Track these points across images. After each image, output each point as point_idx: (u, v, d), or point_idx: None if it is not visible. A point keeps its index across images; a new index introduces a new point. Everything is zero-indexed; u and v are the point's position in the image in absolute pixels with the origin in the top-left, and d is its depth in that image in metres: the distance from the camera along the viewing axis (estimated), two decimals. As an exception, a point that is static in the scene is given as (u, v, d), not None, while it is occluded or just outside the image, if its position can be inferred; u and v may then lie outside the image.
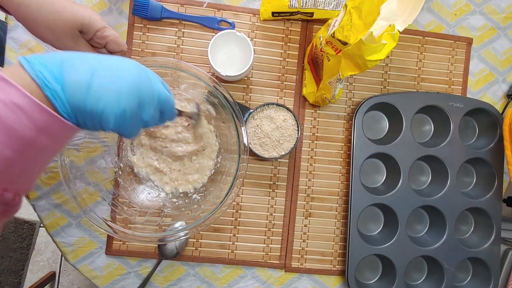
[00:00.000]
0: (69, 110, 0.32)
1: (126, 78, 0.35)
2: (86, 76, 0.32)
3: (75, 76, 0.32)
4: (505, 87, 0.73)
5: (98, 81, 0.33)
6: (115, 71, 0.34)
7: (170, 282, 0.65)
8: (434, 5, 0.71)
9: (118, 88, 0.34)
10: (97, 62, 0.34)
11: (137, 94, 0.35)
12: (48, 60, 0.32)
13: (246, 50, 0.60)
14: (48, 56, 0.33)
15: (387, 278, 0.67)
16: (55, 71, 0.32)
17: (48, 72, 0.31)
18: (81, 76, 0.32)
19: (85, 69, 0.33)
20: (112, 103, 0.33)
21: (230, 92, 0.61)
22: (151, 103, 0.37)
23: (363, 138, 0.66)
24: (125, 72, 0.35)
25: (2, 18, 0.75)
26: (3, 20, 0.75)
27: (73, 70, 0.32)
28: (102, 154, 0.61)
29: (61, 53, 0.34)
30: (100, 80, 0.33)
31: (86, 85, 0.32)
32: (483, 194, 0.68)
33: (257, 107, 0.62)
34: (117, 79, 0.34)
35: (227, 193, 0.53)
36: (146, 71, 0.38)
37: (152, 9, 0.64)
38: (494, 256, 0.67)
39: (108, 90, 0.33)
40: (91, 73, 0.33)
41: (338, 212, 0.68)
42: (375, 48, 0.43)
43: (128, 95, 0.34)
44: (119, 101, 0.34)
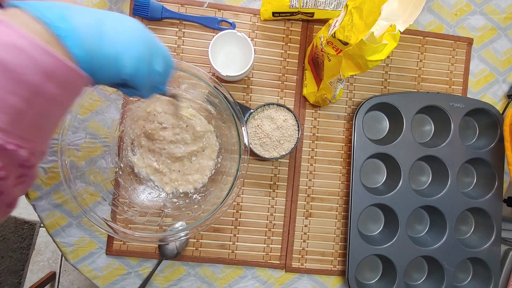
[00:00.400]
0: (83, 52, 0.30)
1: (134, 26, 0.35)
2: (95, 22, 0.32)
3: (83, 19, 0.31)
4: (506, 87, 0.73)
5: (109, 26, 0.32)
6: (122, 20, 0.34)
7: (171, 282, 0.65)
8: (435, 5, 0.71)
9: (131, 33, 0.34)
10: (101, 12, 0.33)
11: (147, 42, 0.36)
12: (50, 3, 0.30)
13: (247, 50, 0.60)
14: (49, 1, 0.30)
15: (387, 278, 0.67)
16: (61, 14, 0.29)
17: (53, 14, 0.29)
18: (90, 20, 0.31)
19: (91, 16, 0.32)
20: (128, 46, 0.33)
21: (231, 92, 0.61)
22: (159, 54, 0.38)
23: (363, 138, 0.66)
24: (130, 22, 0.35)
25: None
26: None
27: (79, 15, 0.31)
28: (103, 154, 0.61)
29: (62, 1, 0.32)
30: (111, 25, 0.32)
31: (97, 29, 0.31)
32: (483, 194, 0.68)
33: (257, 107, 0.62)
34: (126, 27, 0.34)
35: (227, 193, 0.53)
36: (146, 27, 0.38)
37: (153, 9, 0.64)
38: (494, 256, 0.67)
39: (121, 34, 0.33)
40: (98, 20, 0.32)
41: (338, 212, 0.68)
42: (376, 48, 0.43)
43: (141, 40, 0.35)
44: (134, 44, 0.34)
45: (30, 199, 0.64)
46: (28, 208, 1.38)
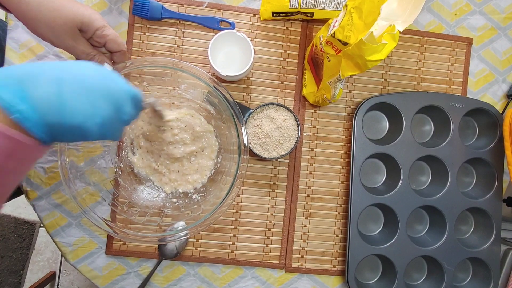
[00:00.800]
0: (44, 128, 0.30)
1: (95, 84, 0.33)
2: (53, 89, 0.30)
3: (41, 92, 0.30)
4: (505, 87, 0.73)
5: (68, 92, 0.31)
6: (81, 78, 0.33)
7: (170, 282, 0.65)
8: (434, 5, 0.71)
9: (91, 96, 0.32)
10: (58, 71, 0.32)
11: (111, 98, 0.34)
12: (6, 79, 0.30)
13: (246, 50, 0.60)
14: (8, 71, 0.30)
15: (387, 278, 0.67)
16: (17, 90, 0.29)
17: (10, 92, 0.29)
18: (48, 89, 0.30)
19: (49, 81, 0.31)
20: (91, 114, 0.32)
21: (230, 92, 0.61)
22: (126, 102, 0.37)
23: (363, 138, 0.66)
24: (91, 78, 0.33)
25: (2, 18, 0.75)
26: (3, 19, 0.75)
27: (37, 85, 0.30)
28: (102, 154, 0.61)
29: (17, 68, 0.31)
30: (70, 90, 0.31)
31: (56, 98, 0.30)
32: (483, 194, 0.68)
33: (257, 107, 0.62)
34: (86, 87, 0.32)
35: (227, 193, 0.53)
36: (108, 71, 0.37)
37: (152, 9, 0.64)
38: (494, 256, 0.67)
39: (83, 101, 0.32)
40: (57, 84, 0.31)
41: (338, 212, 0.68)
42: (375, 48, 0.43)
43: (104, 101, 0.33)
44: (97, 110, 0.33)
45: (30, 199, 0.64)
46: (28, 208, 1.38)
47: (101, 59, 0.48)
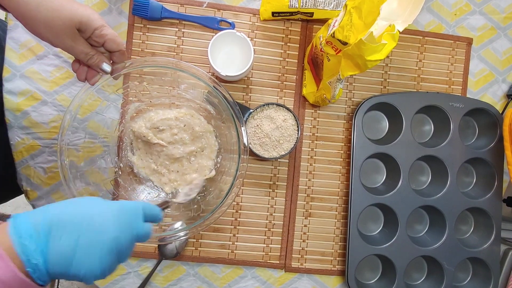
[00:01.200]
0: (47, 278, 0.33)
1: (109, 240, 0.35)
2: (70, 247, 0.33)
3: (60, 246, 0.32)
4: (505, 87, 0.73)
5: (82, 252, 0.33)
6: (99, 234, 0.34)
7: (170, 282, 0.65)
8: (434, 5, 0.71)
9: (101, 255, 0.34)
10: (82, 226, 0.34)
11: (117, 251, 0.36)
12: (36, 226, 0.32)
13: (246, 50, 0.60)
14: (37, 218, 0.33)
15: (387, 278, 0.67)
16: (41, 242, 0.32)
17: (34, 244, 0.31)
18: (67, 244, 0.33)
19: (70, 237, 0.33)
20: (94, 268, 0.34)
21: (230, 92, 0.61)
22: (129, 248, 0.38)
23: (363, 138, 0.66)
24: (109, 233, 0.35)
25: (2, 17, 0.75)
26: (3, 19, 0.75)
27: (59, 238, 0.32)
28: (102, 154, 0.61)
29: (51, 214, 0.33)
30: (84, 250, 0.33)
31: (70, 257, 0.33)
32: (483, 194, 0.68)
33: (257, 107, 0.62)
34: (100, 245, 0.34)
35: (227, 193, 0.53)
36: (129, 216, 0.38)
37: (152, 9, 0.64)
38: (494, 256, 0.67)
39: (90, 259, 0.34)
40: (75, 242, 0.33)
41: (338, 212, 0.68)
42: (375, 48, 0.43)
43: (109, 256, 0.35)
44: (100, 265, 0.34)
45: (29, 199, 0.64)
46: (28, 208, 1.37)
47: (100, 59, 0.48)
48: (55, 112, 0.63)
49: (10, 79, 0.62)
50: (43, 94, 0.63)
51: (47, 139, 0.63)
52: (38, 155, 0.63)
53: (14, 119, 0.62)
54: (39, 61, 0.63)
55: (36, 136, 0.63)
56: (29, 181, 0.63)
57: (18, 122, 0.63)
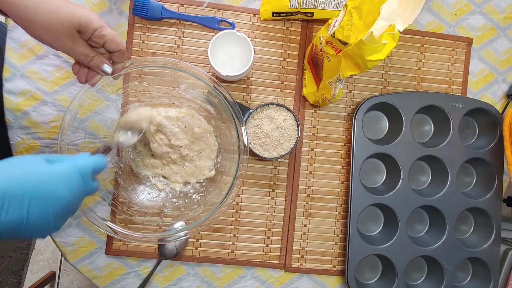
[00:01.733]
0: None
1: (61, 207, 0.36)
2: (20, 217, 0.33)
3: (8, 217, 0.32)
4: (505, 87, 0.73)
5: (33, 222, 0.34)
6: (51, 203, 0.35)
7: (170, 282, 0.65)
8: (434, 5, 0.71)
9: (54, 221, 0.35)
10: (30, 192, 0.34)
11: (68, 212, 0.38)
12: None
13: (246, 50, 0.60)
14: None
15: (387, 278, 0.67)
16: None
17: None
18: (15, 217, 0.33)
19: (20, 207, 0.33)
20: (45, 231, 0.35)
21: (230, 92, 0.61)
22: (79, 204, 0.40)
23: (363, 138, 0.66)
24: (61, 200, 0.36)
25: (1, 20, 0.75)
26: (3, 22, 0.75)
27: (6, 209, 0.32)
28: None
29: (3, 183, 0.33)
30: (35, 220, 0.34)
31: (19, 225, 0.33)
32: (483, 194, 0.68)
33: (257, 107, 0.62)
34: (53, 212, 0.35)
35: (227, 193, 0.53)
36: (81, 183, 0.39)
37: (152, 9, 0.64)
38: (494, 256, 0.67)
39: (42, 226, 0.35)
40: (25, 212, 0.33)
41: (338, 212, 0.68)
42: (375, 48, 0.43)
43: (61, 220, 0.37)
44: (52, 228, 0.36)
45: (29, 199, 0.63)
46: (28, 208, 1.37)
47: (100, 60, 0.48)
48: (55, 112, 0.63)
49: (10, 79, 0.62)
50: (43, 94, 0.63)
51: (47, 139, 0.63)
52: (38, 155, 0.63)
53: (14, 119, 0.62)
54: (39, 61, 0.63)
55: (36, 136, 0.63)
56: (29, 181, 0.63)
57: (18, 122, 0.63)
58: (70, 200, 0.37)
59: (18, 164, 0.35)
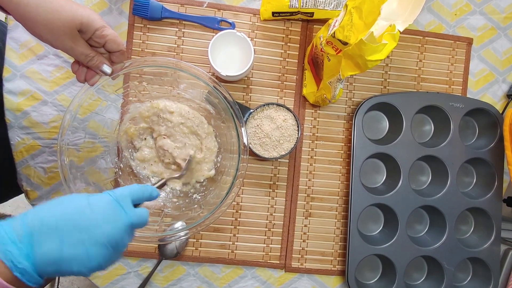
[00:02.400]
0: (37, 279, 0.33)
1: (95, 235, 0.35)
2: (56, 249, 0.33)
3: (44, 248, 0.32)
4: (505, 87, 0.73)
5: (69, 252, 0.33)
6: (84, 231, 0.34)
7: (170, 282, 0.65)
8: (434, 5, 0.71)
9: (88, 250, 0.34)
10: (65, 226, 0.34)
11: (108, 242, 0.35)
12: (18, 231, 0.32)
13: (246, 50, 0.60)
14: (17, 223, 0.33)
15: (387, 278, 0.67)
16: (24, 246, 0.32)
17: (18, 250, 0.32)
18: (51, 249, 0.33)
19: (54, 239, 0.33)
20: (85, 263, 0.34)
21: (230, 92, 0.61)
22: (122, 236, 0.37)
23: (363, 138, 0.66)
24: (94, 228, 0.35)
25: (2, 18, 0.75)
26: (3, 20, 0.75)
27: (41, 240, 0.33)
28: (102, 154, 0.61)
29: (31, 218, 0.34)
30: (70, 249, 0.33)
31: (57, 257, 0.33)
32: (483, 194, 0.68)
33: (257, 107, 0.62)
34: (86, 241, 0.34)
35: (226, 192, 0.53)
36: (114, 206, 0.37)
37: (152, 9, 0.64)
38: (494, 256, 0.67)
39: (79, 256, 0.34)
40: (60, 243, 0.33)
41: (338, 212, 0.68)
42: (375, 48, 0.43)
43: (99, 249, 0.35)
44: (90, 259, 0.34)
45: (30, 199, 0.64)
46: (28, 208, 1.37)
47: (100, 60, 0.48)
48: (55, 112, 0.63)
49: (10, 79, 0.62)
50: (43, 94, 0.63)
51: (47, 139, 0.63)
52: (38, 155, 0.63)
53: (14, 119, 0.62)
54: (39, 61, 0.63)
55: (36, 136, 0.63)
56: (29, 181, 0.63)
57: (18, 122, 0.63)
58: (108, 229, 0.35)
59: (62, 200, 0.36)
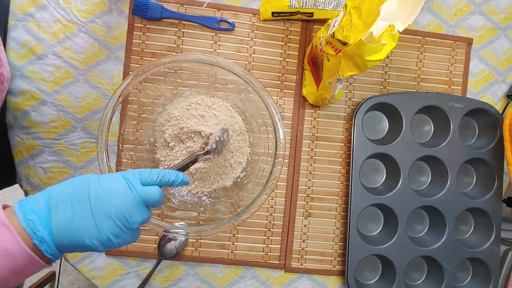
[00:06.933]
0: (55, 250, 0.35)
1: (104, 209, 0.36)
2: (68, 217, 0.35)
3: (59, 219, 0.35)
4: (505, 88, 0.73)
5: (78, 220, 0.35)
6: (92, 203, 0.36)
7: (170, 282, 0.65)
8: (434, 5, 0.71)
9: (96, 220, 0.36)
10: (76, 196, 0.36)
11: (117, 218, 0.37)
12: (38, 203, 0.36)
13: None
14: (39, 197, 0.36)
15: (387, 278, 0.67)
16: (43, 215, 0.35)
17: (38, 219, 0.35)
18: (64, 217, 0.35)
19: (65, 208, 0.35)
20: (94, 233, 0.36)
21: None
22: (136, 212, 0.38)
23: (363, 138, 0.66)
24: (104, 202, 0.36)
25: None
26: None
27: (57, 211, 0.35)
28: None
29: (49, 192, 0.36)
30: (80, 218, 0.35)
31: (69, 226, 0.35)
32: (483, 195, 0.68)
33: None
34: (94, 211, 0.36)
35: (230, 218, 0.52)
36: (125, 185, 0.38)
37: (152, 9, 0.64)
38: (494, 257, 0.67)
39: (88, 225, 0.36)
40: (71, 212, 0.35)
41: (338, 212, 0.68)
42: (375, 48, 0.43)
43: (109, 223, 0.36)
44: (101, 232, 0.36)
45: (29, 199, 0.64)
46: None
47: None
48: (55, 112, 0.64)
49: (10, 79, 0.62)
50: (43, 94, 0.63)
51: (47, 139, 0.63)
52: (38, 155, 0.63)
53: (14, 119, 0.63)
54: (39, 61, 0.63)
55: (36, 136, 0.63)
56: (29, 181, 0.63)
57: (18, 122, 0.63)
58: (116, 202, 0.37)
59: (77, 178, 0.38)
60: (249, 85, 0.53)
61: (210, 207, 0.59)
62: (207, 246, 0.66)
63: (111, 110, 0.50)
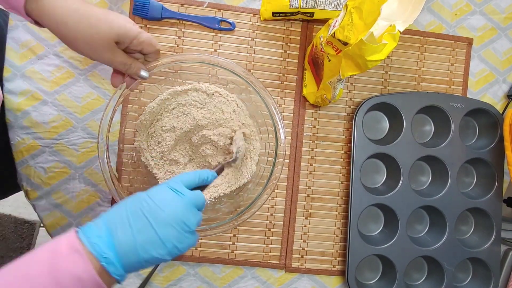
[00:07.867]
0: (121, 271, 0.36)
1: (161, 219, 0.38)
2: (129, 234, 0.36)
3: (121, 238, 0.36)
4: (506, 88, 0.73)
5: (140, 236, 0.37)
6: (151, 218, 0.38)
7: (170, 282, 0.65)
8: (435, 5, 0.71)
9: (156, 230, 0.37)
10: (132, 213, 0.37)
11: (176, 224, 0.38)
12: (98, 227, 0.37)
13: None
14: (98, 221, 0.37)
15: (387, 278, 0.67)
16: (106, 238, 0.36)
17: (102, 242, 0.35)
18: (125, 235, 0.36)
19: (124, 226, 0.37)
20: (160, 246, 0.37)
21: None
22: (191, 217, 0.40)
23: (363, 138, 0.66)
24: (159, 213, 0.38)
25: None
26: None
27: (117, 231, 0.37)
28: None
29: (106, 217, 0.38)
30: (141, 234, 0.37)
31: (132, 243, 0.36)
32: (483, 195, 0.68)
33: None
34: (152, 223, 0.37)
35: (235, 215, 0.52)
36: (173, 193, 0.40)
37: (152, 9, 0.64)
38: (494, 257, 0.67)
39: (150, 238, 0.37)
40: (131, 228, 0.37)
41: (338, 212, 0.68)
42: (375, 48, 0.43)
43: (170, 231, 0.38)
44: (165, 241, 0.38)
45: (30, 199, 0.64)
46: (28, 208, 1.38)
47: (138, 67, 0.49)
48: (55, 112, 0.63)
49: (11, 79, 0.62)
50: (44, 94, 0.63)
51: (47, 139, 0.63)
52: (38, 155, 0.63)
53: (14, 119, 0.62)
54: (40, 61, 0.63)
55: (36, 136, 0.63)
56: (30, 181, 0.63)
57: (19, 122, 0.63)
58: (170, 210, 0.38)
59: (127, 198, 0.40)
60: (250, 85, 0.53)
61: (210, 207, 0.60)
62: (208, 246, 0.66)
63: (111, 110, 0.50)
